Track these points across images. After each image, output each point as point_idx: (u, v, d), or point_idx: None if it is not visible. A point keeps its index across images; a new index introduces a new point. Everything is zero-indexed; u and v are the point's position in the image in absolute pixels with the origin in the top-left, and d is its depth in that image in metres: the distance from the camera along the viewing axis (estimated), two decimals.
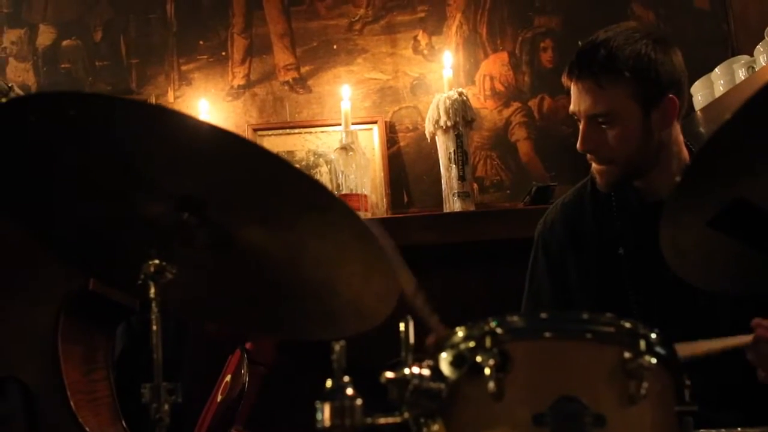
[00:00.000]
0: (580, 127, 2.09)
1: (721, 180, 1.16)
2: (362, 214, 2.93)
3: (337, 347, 1.12)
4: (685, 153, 2.13)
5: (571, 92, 2.10)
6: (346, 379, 1.11)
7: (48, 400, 1.88)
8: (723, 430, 1.40)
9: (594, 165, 2.13)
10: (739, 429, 1.42)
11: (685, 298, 1.91)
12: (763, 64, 2.72)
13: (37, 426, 1.86)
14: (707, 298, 1.93)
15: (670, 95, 2.04)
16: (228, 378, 2.34)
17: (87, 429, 1.87)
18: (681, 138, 2.12)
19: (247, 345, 2.31)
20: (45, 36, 3.46)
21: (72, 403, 1.87)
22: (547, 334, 1.13)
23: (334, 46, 3.41)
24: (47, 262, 1.90)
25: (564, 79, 2.12)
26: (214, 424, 2.27)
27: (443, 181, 3.09)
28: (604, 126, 2.04)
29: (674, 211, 1.19)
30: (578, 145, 2.09)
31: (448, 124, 3.04)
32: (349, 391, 1.11)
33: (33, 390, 1.88)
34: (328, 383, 1.11)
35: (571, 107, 2.11)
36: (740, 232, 1.21)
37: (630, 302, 2.07)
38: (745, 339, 1.74)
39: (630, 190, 2.13)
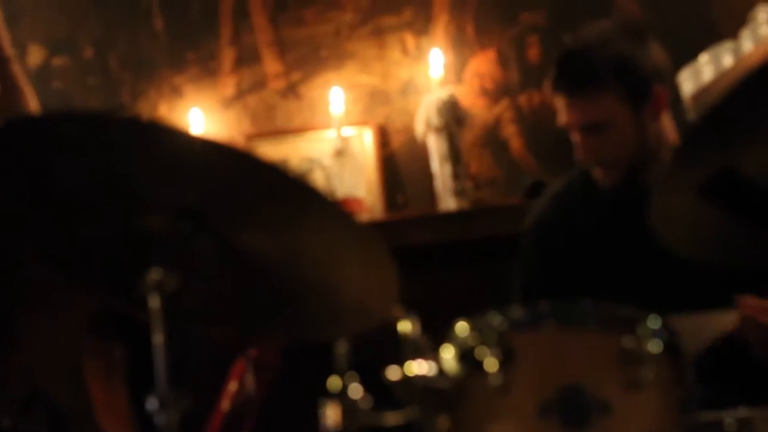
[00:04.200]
0: (574, 139, 2.08)
1: (714, 150, 1.17)
2: (359, 218, 2.94)
3: (341, 347, 1.13)
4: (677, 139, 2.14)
5: (557, 106, 2.09)
6: (353, 378, 1.12)
7: (76, 416, 1.88)
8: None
9: (597, 169, 2.12)
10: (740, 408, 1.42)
11: (677, 284, 1.92)
12: (749, 48, 2.74)
13: None
14: (699, 284, 1.92)
15: (657, 87, 2.05)
16: (233, 386, 2.34)
17: None
18: (671, 124, 2.13)
19: (252, 351, 2.32)
20: (35, 56, 3.46)
21: (99, 419, 1.88)
22: (549, 325, 1.14)
23: (323, 52, 3.42)
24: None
25: (546, 90, 2.11)
26: None
27: (437, 180, 3.10)
28: (598, 133, 2.04)
29: (669, 179, 1.20)
30: (577, 156, 2.08)
31: (439, 125, 3.05)
32: (356, 389, 1.12)
33: (60, 406, 1.88)
34: (335, 383, 1.12)
35: (561, 121, 2.09)
36: (727, 201, 1.22)
37: (624, 290, 2.08)
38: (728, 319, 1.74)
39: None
